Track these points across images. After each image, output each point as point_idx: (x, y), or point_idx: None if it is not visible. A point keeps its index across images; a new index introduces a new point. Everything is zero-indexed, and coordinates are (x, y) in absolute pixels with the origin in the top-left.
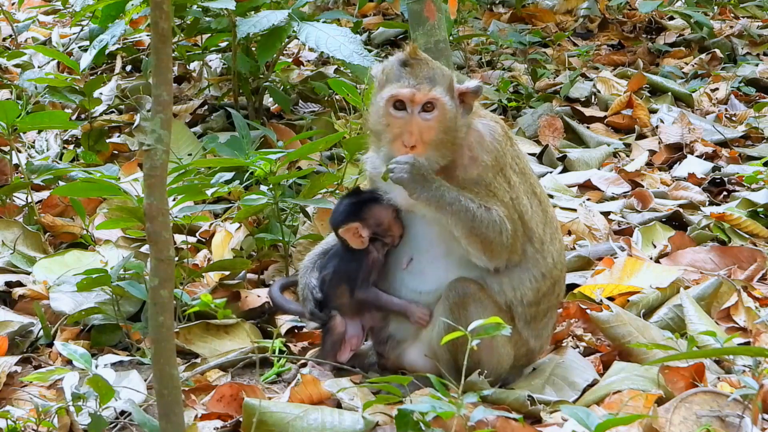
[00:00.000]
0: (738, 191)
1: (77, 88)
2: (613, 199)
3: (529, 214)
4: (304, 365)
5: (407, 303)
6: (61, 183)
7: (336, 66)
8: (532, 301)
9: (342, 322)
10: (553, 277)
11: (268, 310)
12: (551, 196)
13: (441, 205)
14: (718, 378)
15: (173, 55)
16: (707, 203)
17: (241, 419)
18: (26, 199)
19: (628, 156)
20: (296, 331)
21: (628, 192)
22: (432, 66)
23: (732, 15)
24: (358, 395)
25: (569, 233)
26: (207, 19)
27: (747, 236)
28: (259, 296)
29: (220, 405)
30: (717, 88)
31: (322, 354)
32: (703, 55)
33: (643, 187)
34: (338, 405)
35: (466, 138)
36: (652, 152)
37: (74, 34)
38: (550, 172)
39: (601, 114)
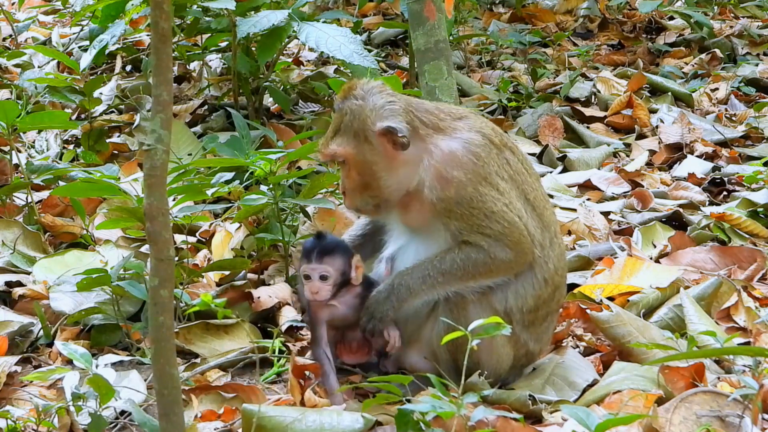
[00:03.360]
0: (738, 191)
1: (77, 88)
2: (613, 199)
3: (525, 219)
4: None
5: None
6: (61, 183)
7: (336, 66)
8: (531, 308)
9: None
10: (554, 284)
11: (271, 310)
12: (551, 196)
13: (414, 297)
14: (718, 378)
15: (173, 55)
16: (707, 203)
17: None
18: (26, 199)
19: (628, 156)
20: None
21: (628, 192)
22: (344, 113)
23: (732, 15)
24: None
25: (569, 233)
26: (207, 19)
27: (747, 236)
28: (270, 296)
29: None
30: (717, 88)
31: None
32: (703, 55)
33: (643, 187)
34: None
35: (434, 160)
36: (652, 152)
37: (74, 34)
38: (550, 172)
39: (601, 114)
